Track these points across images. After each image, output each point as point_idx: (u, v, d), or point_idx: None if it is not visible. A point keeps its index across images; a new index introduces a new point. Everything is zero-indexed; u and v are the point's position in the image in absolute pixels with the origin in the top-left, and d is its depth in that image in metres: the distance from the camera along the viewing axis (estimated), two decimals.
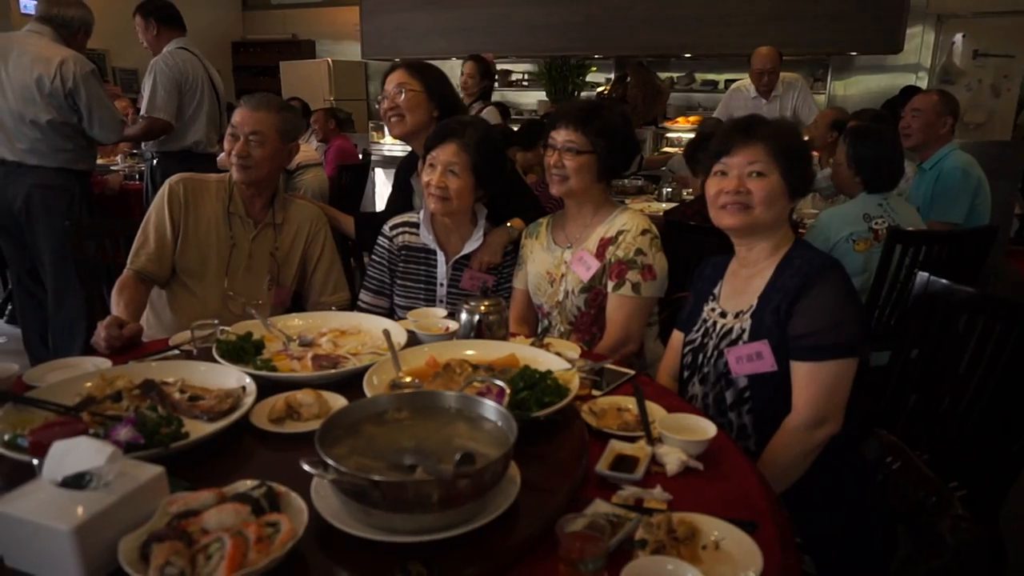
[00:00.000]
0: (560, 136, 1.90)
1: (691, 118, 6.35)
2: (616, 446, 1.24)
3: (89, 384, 1.33)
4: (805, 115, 4.75)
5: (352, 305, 2.21)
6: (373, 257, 2.18)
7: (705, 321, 1.64)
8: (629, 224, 1.92)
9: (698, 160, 3.14)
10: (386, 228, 2.16)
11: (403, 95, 2.21)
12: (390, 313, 2.12)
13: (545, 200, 3.19)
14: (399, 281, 2.13)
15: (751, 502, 1.12)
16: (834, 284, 1.46)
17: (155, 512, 0.92)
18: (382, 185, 6.48)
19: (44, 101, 3.12)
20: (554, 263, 1.99)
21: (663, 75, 6.89)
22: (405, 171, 2.41)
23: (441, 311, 1.85)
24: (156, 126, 3.56)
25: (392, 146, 6.78)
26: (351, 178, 5.51)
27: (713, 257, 1.72)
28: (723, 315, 1.60)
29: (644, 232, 1.91)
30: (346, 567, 0.93)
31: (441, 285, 2.10)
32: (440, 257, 2.09)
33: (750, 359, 1.50)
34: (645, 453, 1.22)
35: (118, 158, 5.26)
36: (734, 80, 5.86)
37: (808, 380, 1.45)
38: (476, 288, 2.05)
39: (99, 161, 5.15)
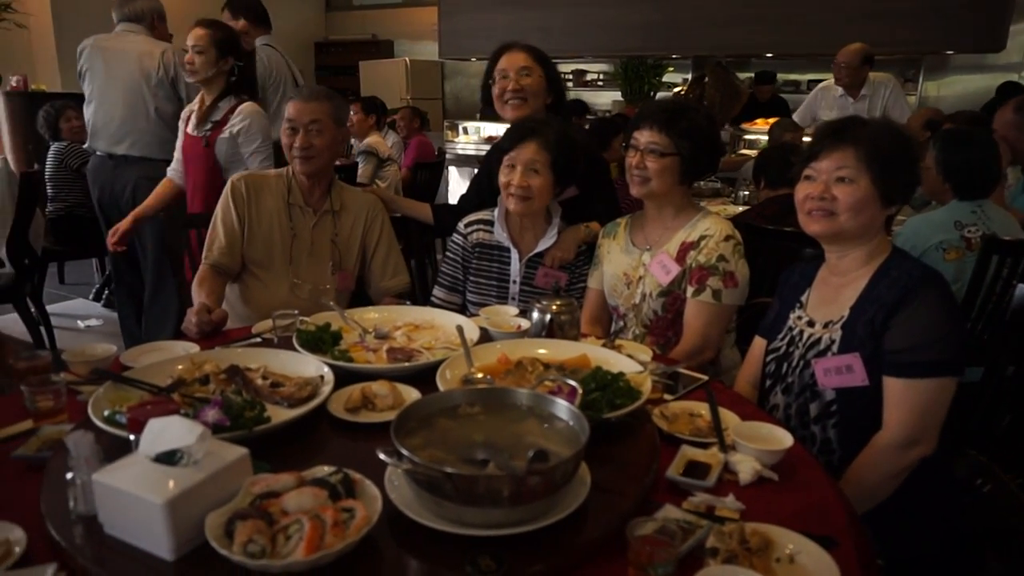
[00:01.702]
0: (643, 137, 1.86)
1: (771, 120, 6.16)
2: (688, 452, 1.22)
3: (180, 367, 1.40)
4: (896, 116, 4.54)
5: (415, 294, 2.24)
6: (447, 254, 2.22)
7: (791, 329, 1.59)
8: (712, 229, 1.87)
9: (765, 171, 3.05)
10: (460, 225, 2.18)
11: (529, 79, 2.22)
12: (462, 309, 2.15)
13: (621, 197, 3.16)
14: (472, 278, 2.16)
15: (829, 517, 1.08)
16: (936, 298, 1.39)
17: (239, 491, 0.96)
18: (455, 183, 6.57)
19: (152, 92, 3.33)
20: (632, 265, 1.97)
21: (743, 75, 6.73)
22: (497, 159, 2.41)
23: (513, 309, 1.86)
24: None
25: (465, 145, 6.86)
26: (427, 175, 5.62)
27: (800, 263, 1.66)
28: (811, 324, 1.54)
29: (727, 238, 1.86)
30: (417, 556, 0.95)
31: (514, 283, 2.11)
32: (514, 255, 2.10)
33: (839, 372, 1.44)
34: (717, 460, 1.19)
35: None
36: (818, 80, 5.66)
37: (902, 398, 1.38)
38: (549, 286, 2.05)
39: None
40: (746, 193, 4.02)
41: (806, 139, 4.76)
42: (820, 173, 1.49)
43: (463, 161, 6.58)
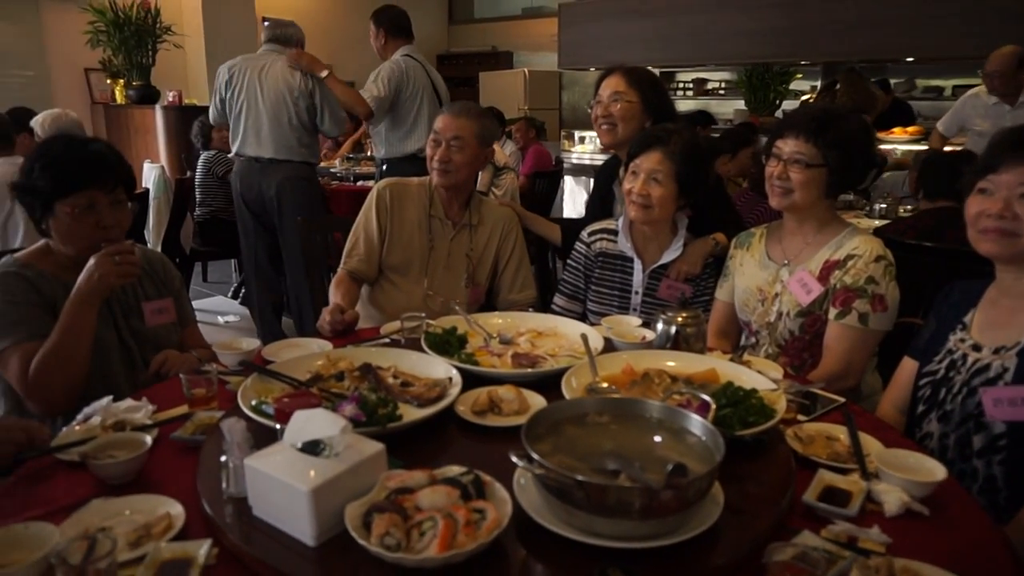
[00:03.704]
0: (787, 146, 1.75)
1: (909, 128, 5.77)
2: (825, 477, 1.16)
3: (319, 363, 1.48)
4: None
5: (542, 304, 2.26)
6: (569, 262, 2.22)
7: (951, 352, 1.46)
8: (861, 248, 1.74)
9: (924, 180, 2.84)
10: (584, 234, 2.18)
11: (618, 105, 2.21)
12: (582, 318, 2.13)
13: (745, 213, 3.05)
14: (593, 287, 2.14)
15: (992, 561, 0.99)
16: None
17: (375, 485, 0.99)
18: (571, 192, 6.57)
19: (293, 102, 3.69)
20: (768, 280, 1.87)
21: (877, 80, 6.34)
22: (606, 177, 2.41)
23: (635, 319, 1.83)
24: (357, 102, 3.77)
25: (581, 154, 6.85)
26: (545, 184, 5.68)
27: (961, 281, 1.52)
28: (976, 348, 1.41)
29: (878, 259, 1.73)
30: (544, 562, 0.95)
31: (636, 293, 2.08)
32: (637, 265, 2.07)
33: (1013, 404, 1.31)
34: (859, 488, 1.12)
35: (336, 161, 5.80)
36: (963, 86, 5.24)
37: None
38: (673, 298, 2.01)
39: (320, 164, 5.76)
40: (883, 206, 3.77)
41: (948, 149, 4.42)
42: (999, 187, 1.34)
43: (579, 170, 6.57)
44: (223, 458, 1.07)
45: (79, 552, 0.85)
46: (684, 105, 7.75)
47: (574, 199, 6.59)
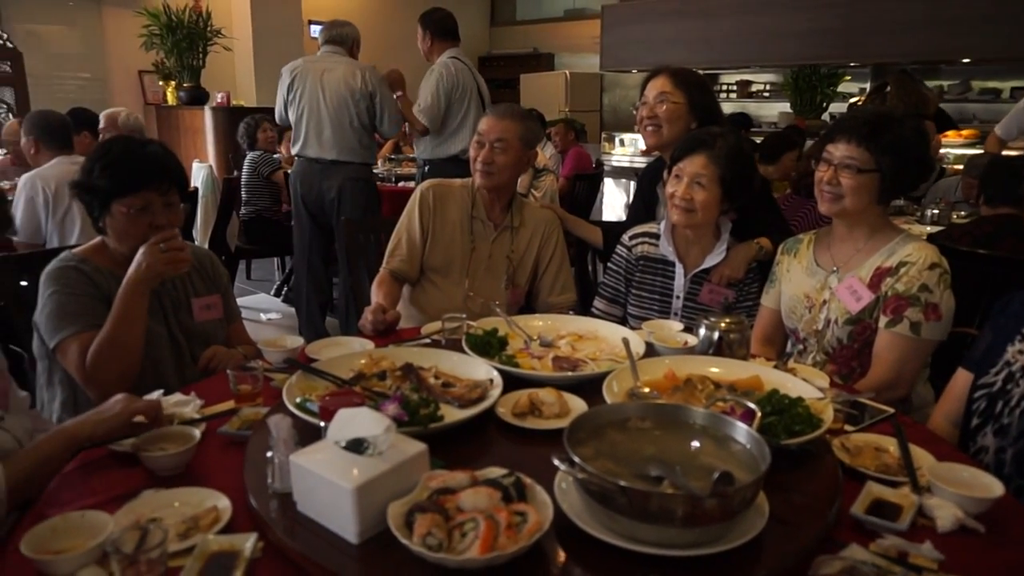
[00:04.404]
0: (838, 151, 1.71)
1: (964, 132, 5.60)
2: (874, 489, 1.13)
3: (362, 362, 1.49)
4: None
5: (581, 308, 2.25)
6: (610, 265, 2.20)
7: (1009, 364, 1.41)
8: (915, 255, 1.70)
9: (985, 186, 2.75)
10: (625, 238, 2.16)
11: (664, 106, 2.19)
12: (623, 321, 2.12)
13: (790, 215, 3.00)
14: (634, 291, 2.13)
15: None
16: None
17: (417, 485, 1.00)
18: (611, 195, 6.54)
19: (355, 104, 3.76)
20: (816, 287, 1.83)
21: (930, 83, 6.15)
22: (649, 180, 2.39)
23: (677, 324, 1.81)
24: (414, 121, 3.92)
25: (621, 157, 6.81)
26: (586, 187, 5.66)
27: (1021, 291, 1.48)
28: None
29: (932, 266, 1.68)
30: (585, 567, 0.94)
31: (677, 298, 2.06)
32: (678, 269, 2.05)
33: None
34: (910, 502, 1.09)
35: (379, 162, 5.87)
36: (1023, 88, 5.04)
37: None
38: (715, 303, 1.98)
39: None
40: (935, 212, 3.67)
41: (1007, 153, 4.27)
42: None
43: (619, 173, 6.53)
44: (269, 454, 1.09)
45: (132, 541, 0.88)
46: (727, 108, 7.64)
47: (614, 202, 6.55)
